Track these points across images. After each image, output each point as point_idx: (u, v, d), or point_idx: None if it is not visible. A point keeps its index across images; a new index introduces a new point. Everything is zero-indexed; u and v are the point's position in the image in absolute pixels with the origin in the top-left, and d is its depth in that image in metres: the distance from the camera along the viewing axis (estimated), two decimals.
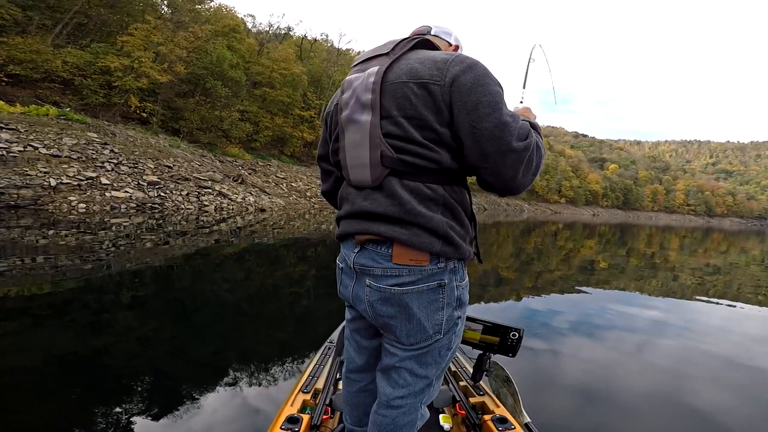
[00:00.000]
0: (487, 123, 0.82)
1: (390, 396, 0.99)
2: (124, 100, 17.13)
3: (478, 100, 0.82)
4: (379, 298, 0.93)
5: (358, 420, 1.21)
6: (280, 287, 4.66)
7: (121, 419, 1.81)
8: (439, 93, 0.84)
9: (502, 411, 1.43)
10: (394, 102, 0.88)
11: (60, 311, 3.23)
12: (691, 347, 3.39)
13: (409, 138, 0.87)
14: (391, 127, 0.88)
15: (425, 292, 0.90)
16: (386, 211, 0.89)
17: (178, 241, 6.86)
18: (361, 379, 1.17)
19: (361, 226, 0.94)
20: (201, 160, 16.85)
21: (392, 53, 0.93)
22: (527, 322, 3.79)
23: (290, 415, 1.33)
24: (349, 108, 0.94)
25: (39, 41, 15.19)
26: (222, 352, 2.71)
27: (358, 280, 0.97)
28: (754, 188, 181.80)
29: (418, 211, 0.86)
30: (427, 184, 0.88)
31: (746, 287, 6.89)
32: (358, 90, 0.92)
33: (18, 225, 6.65)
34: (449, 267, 0.92)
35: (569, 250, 11.34)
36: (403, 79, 0.87)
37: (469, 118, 0.83)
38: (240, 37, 25.68)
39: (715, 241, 20.95)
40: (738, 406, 2.37)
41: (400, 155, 0.87)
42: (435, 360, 0.98)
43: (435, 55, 0.89)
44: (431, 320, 0.92)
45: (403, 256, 0.88)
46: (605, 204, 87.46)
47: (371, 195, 0.92)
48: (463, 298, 0.98)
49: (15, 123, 10.59)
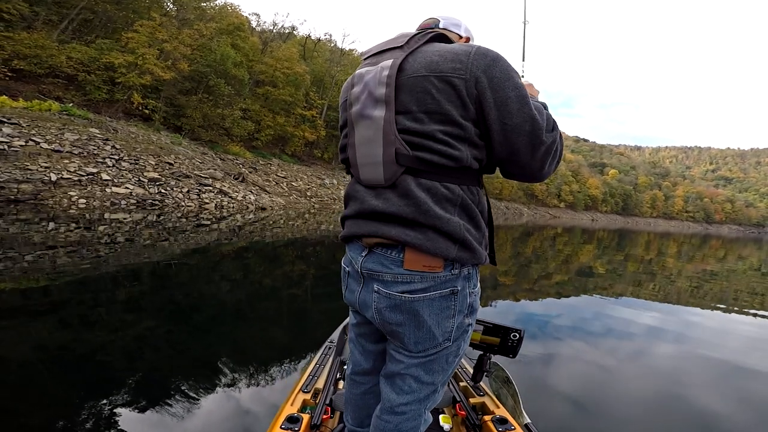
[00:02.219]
0: (517, 118, 0.81)
1: (394, 402, 0.96)
2: (127, 96, 17.13)
3: (506, 95, 0.80)
4: (388, 305, 0.88)
5: (360, 421, 1.18)
6: (280, 286, 4.66)
7: (119, 419, 1.81)
8: (464, 87, 0.81)
9: (502, 412, 1.44)
10: (413, 96, 0.83)
11: (57, 308, 3.22)
12: (689, 352, 3.41)
13: (428, 134, 0.82)
14: (409, 122, 0.83)
15: (437, 299, 0.86)
16: (399, 211, 0.83)
17: (177, 238, 6.86)
18: (367, 382, 1.15)
19: (370, 227, 0.89)
20: (202, 158, 16.85)
21: (407, 46, 0.88)
22: (527, 325, 3.81)
23: (290, 414, 1.33)
24: (360, 103, 0.88)
25: (44, 36, 15.22)
26: (221, 351, 2.70)
27: (366, 285, 0.93)
28: (753, 196, 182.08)
29: (434, 212, 0.81)
30: (444, 184, 0.83)
31: (743, 293, 6.91)
32: (370, 84, 0.87)
33: (17, 219, 6.65)
34: (463, 273, 0.88)
35: (568, 255, 11.35)
36: (422, 73, 0.83)
37: (500, 114, 0.81)
38: (244, 36, 25.67)
39: (713, 247, 20.97)
40: (734, 409, 2.39)
41: (417, 152, 0.83)
42: (442, 367, 0.95)
43: (454, 47, 0.85)
44: (441, 328, 0.89)
45: (416, 262, 0.84)
46: (604, 209, 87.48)
47: (384, 194, 0.87)
48: (475, 306, 0.95)
49: (17, 117, 10.59)
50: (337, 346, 2.01)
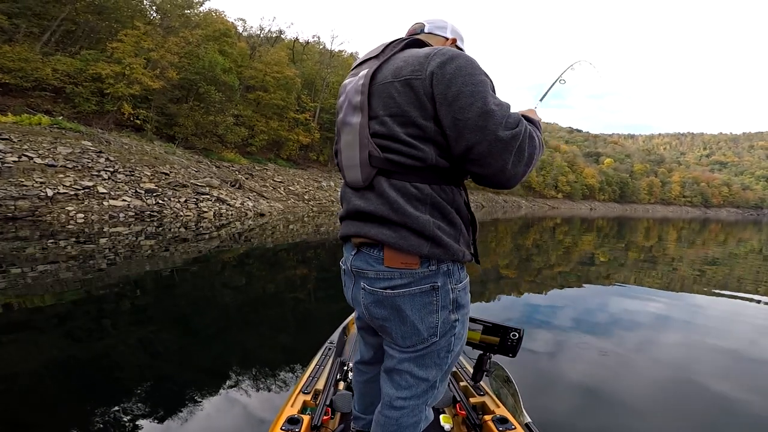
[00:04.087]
0: (469, 113, 0.81)
1: (392, 396, 1.00)
2: (116, 107, 17.02)
3: (459, 90, 0.82)
4: (373, 301, 0.95)
5: (364, 408, 1.27)
6: (280, 290, 4.67)
7: (124, 423, 1.83)
8: (420, 87, 0.84)
9: (503, 411, 1.44)
10: (381, 102, 0.89)
11: (61, 320, 3.24)
12: (694, 342, 3.39)
13: (393, 136, 0.87)
14: (378, 126, 0.89)
15: (418, 295, 0.91)
16: (377, 209, 0.90)
17: (178, 248, 6.85)
18: (369, 371, 1.23)
19: (356, 228, 0.95)
20: (197, 166, 16.80)
21: (381, 55, 0.95)
22: (527, 321, 3.82)
23: (290, 415, 1.33)
24: (343, 111, 0.98)
25: (27, 49, 15.03)
26: (222, 353, 2.72)
27: (356, 282, 0.99)
28: (749, 178, 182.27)
29: (405, 211, 0.86)
30: (413, 184, 0.88)
31: (747, 278, 6.94)
32: (350, 93, 0.96)
33: (17, 237, 6.63)
34: (442, 269, 0.91)
35: (568, 245, 11.38)
36: (389, 79, 0.89)
37: (451, 110, 0.82)
38: (231, 41, 25.58)
39: (713, 231, 21.07)
40: (743, 401, 2.36)
41: (386, 154, 0.88)
42: (435, 362, 0.98)
43: (420, 51, 0.89)
44: (425, 323, 0.92)
45: (394, 260, 0.89)
46: (602, 198, 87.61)
47: (365, 194, 0.94)
48: (461, 301, 0.97)
49: (8, 133, 10.51)
50: (337, 347, 2.01)
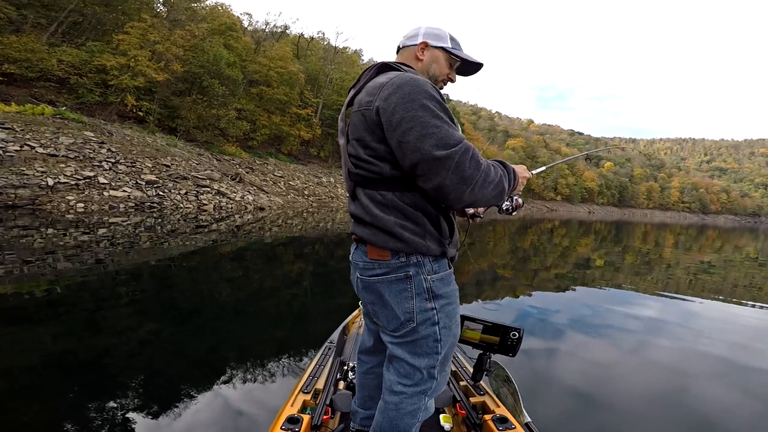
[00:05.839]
0: (410, 136, 0.94)
1: (393, 382, 1.13)
2: (120, 98, 16.98)
3: (401, 117, 0.95)
4: (363, 286, 1.14)
5: (362, 402, 1.36)
6: (280, 286, 4.69)
7: (120, 419, 1.83)
8: (369, 117, 1.01)
9: (503, 411, 1.46)
10: (352, 127, 1.08)
11: (57, 311, 3.24)
12: (689, 345, 3.43)
13: (358, 156, 1.06)
14: (351, 148, 1.09)
15: (394, 282, 1.06)
16: (358, 213, 1.10)
17: (176, 240, 6.86)
18: (369, 361, 1.34)
19: (352, 228, 1.15)
20: (198, 159, 16.78)
21: (357, 83, 1.13)
22: (526, 321, 3.85)
23: (290, 415, 1.34)
24: (339, 134, 1.18)
25: (34, 40, 15.03)
26: (221, 352, 2.72)
27: (354, 272, 1.19)
28: (748, 186, 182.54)
29: (375, 214, 1.05)
30: (380, 192, 1.05)
31: (741, 284, 6.99)
32: (339, 120, 1.17)
33: (15, 225, 6.63)
34: (412, 261, 1.05)
35: (566, 248, 11.42)
36: (355, 108, 1.08)
37: (395, 134, 0.96)
38: (237, 36, 25.51)
39: (710, 238, 21.11)
40: (736, 403, 2.40)
41: (357, 170, 1.08)
42: (425, 351, 1.09)
43: (377, 81, 1.04)
44: (401, 308, 1.06)
45: (373, 253, 1.07)
46: (601, 201, 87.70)
47: (353, 201, 1.15)
48: (438, 291, 1.08)
49: (11, 122, 10.51)
50: (337, 347, 2.02)
